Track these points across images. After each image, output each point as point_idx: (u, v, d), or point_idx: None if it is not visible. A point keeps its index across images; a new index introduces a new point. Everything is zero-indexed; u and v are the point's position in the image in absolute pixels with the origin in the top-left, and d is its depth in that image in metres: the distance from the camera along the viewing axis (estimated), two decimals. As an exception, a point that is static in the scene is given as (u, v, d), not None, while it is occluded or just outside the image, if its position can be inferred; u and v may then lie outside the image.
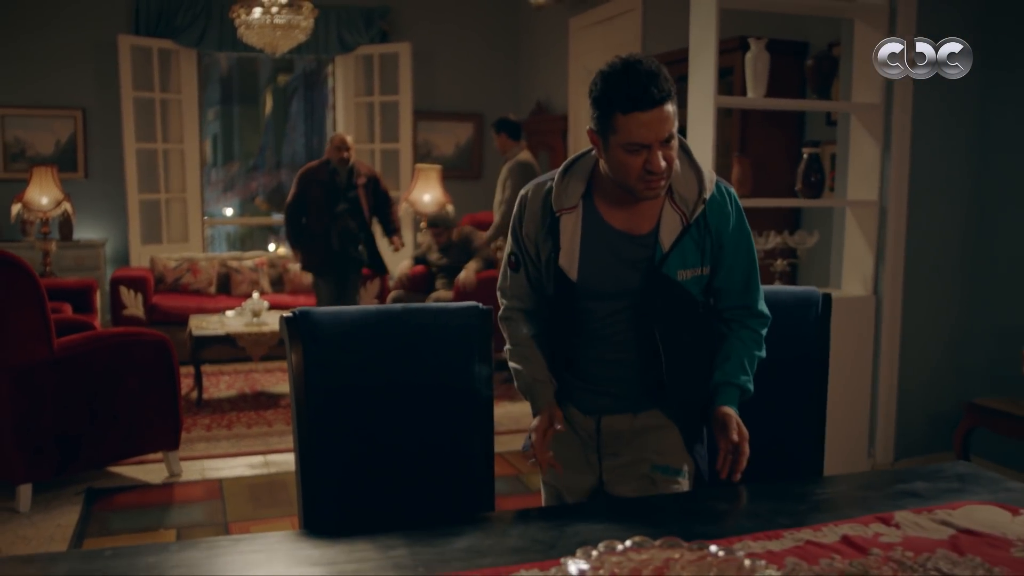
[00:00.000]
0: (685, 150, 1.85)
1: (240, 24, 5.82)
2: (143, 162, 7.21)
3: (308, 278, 6.50)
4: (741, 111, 4.55)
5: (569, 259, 1.83)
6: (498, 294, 2.00)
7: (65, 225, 6.81)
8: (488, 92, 8.11)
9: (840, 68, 4.11)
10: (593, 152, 1.83)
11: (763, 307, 1.92)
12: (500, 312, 1.99)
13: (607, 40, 6.61)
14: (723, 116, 4.63)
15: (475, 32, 8.10)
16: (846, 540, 1.50)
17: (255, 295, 5.87)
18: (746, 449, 1.76)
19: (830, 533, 1.53)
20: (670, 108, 1.69)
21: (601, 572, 1.28)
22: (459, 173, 8.01)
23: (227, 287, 7.11)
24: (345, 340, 1.81)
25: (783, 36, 4.60)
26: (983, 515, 1.61)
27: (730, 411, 1.81)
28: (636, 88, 1.66)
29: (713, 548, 1.31)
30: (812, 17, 4.36)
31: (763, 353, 1.91)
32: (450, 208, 6.68)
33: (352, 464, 1.80)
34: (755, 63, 3.79)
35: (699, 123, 3.70)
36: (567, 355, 1.92)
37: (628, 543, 1.31)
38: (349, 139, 5.82)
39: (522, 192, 1.92)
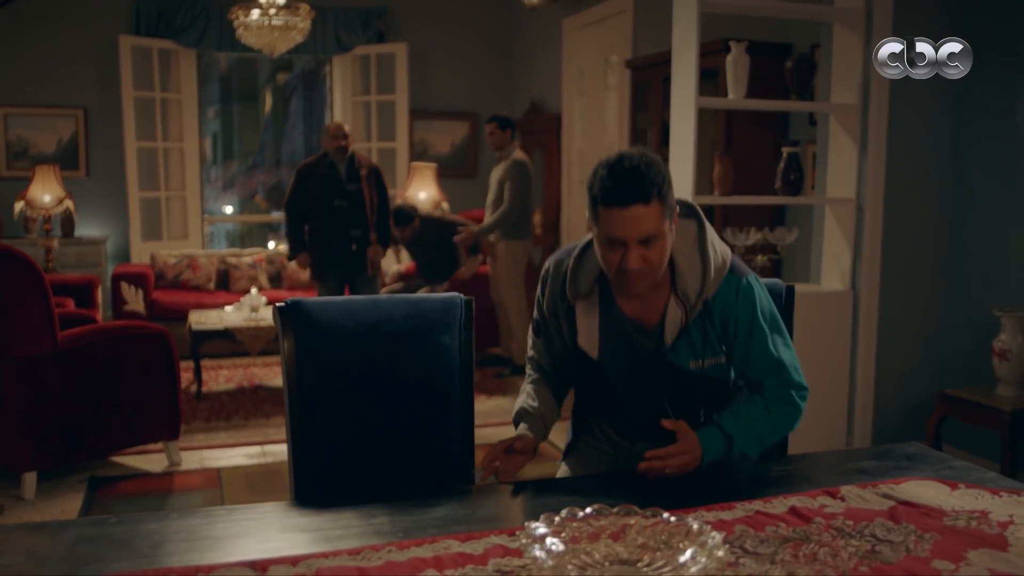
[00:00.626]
0: (701, 239, 1.82)
1: (238, 25, 5.93)
2: (143, 160, 7.33)
3: (308, 275, 6.11)
4: (726, 112, 4.67)
5: (589, 341, 1.89)
6: (528, 341, 2.11)
7: (67, 222, 6.94)
8: (483, 92, 8.23)
9: (820, 69, 4.23)
10: None
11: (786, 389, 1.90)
12: (526, 356, 2.11)
13: (600, 41, 6.73)
14: (710, 116, 4.76)
15: (471, 32, 8.22)
16: (793, 511, 1.62)
17: (253, 291, 5.93)
18: (670, 462, 1.74)
19: (779, 504, 1.65)
20: (650, 208, 1.67)
21: (563, 535, 1.40)
22: (455, 172, 8.13)
23: (226, 283, 7.22)
24: (334, 328, 1.93)
25: (768, 38, 4.73)
26: (923, 490, 1.73)
27: (685, 426, 1.80)
28: (614, 183, 1.67)
29: (666, 515, 1.44)
30: (795, 20, 4.49)
31: (773, 421, 1.88)
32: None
33: (340, 445, 1.93)
34: (736, 65, 3.91)
35: (681, 123, 3.83)
36: (596, 411, 2.03)
37: (588, 510, 1.44)
38: (347, 126, 5.52)
39: (546, 265, 1.98)
